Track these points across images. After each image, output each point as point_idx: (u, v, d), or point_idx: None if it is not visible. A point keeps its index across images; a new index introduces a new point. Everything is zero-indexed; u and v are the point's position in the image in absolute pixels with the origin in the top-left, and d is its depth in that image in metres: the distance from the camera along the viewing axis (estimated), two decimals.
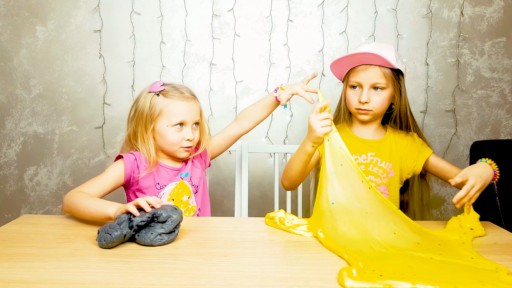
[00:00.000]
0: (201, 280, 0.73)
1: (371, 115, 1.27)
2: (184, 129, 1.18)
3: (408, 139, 1.32)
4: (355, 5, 1.81)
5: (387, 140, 1.32)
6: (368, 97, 1.23)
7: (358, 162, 1.28)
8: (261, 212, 1.90)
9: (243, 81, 1.86)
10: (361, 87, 1.24)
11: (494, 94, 1.85)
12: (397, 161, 1.30)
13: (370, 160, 1.28)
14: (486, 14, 1.81)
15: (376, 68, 1.23)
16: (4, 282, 0.70)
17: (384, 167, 1.29)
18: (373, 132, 1.32)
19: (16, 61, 1.84)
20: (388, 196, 1.29)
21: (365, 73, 1.23)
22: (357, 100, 1.25)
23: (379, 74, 1.23)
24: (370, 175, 1.28)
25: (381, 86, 1.24)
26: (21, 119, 1.87)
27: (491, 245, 0.93)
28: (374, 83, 1.23)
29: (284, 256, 0.86)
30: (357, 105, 1.26)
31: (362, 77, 1.24)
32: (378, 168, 1.28)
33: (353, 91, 1.27)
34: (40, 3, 1.81)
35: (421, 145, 1.32)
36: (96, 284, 0.70)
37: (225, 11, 1.82)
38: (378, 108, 1.26)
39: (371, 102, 1.24)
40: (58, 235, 0.94)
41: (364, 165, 1.28)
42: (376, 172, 1.28)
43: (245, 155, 1.50)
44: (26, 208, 1.92)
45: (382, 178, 1.28)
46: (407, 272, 0.75)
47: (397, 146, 1.31)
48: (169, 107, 1.16)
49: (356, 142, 1.30)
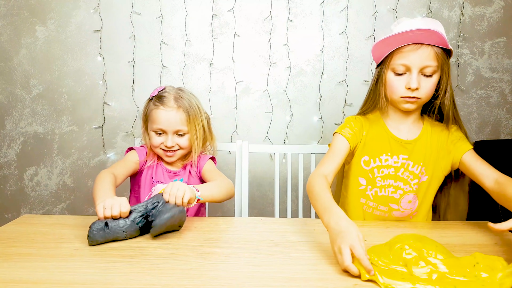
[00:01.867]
0: (201, 280, 0.73)
1: (418, 104, 1.11)
2: (164, 135, 1.24)
3: (446, 134, 1.16)
4: (355, 5, 1.81)
5: (423, 137, 1.15)
6: (418, 83, 1.05)
7: (388, 163, 1.15)
8: (261, 212, 1.90)
9: (243, 81, 1.86)
10: (409, 70, 1.06)
11: (494, 94, 1.85)
12: (431, 162, 1.15)
13: (402, 164, 1.15)
14: (486, 14, 1.81)
15: (429, 48, 1.04)
16: (4, 282, 0.70)
17: (416, 172, 1.15)
18: (409, 126, 1.16)
19: (16, 61, 1.84)
20: (417, 206, 1.17)
21: (416, 53, 1.04)
22: (403, 87, 1.07)
23: (432, 55, 1.05)
24: (399, 181, 1.15)
25: (432, 71, 1.06)
26: (21, 119, 1.87)
27: (491, 245, 0.93)
28: (425, 65, 1.05)
29: (284, 256, 0.86)
30: (405, 93, 1.07)
31: (413, 58, 1.05)
32: (408, 173, 1.15)
33: (397, 77, 1.08)
34: (40, 3, 1.81)
35: (459, 139, 1.14)
36: (96, 284, 0.70)
37: (225, 11, 1.82)
38: (428, 95, 1.09)
39: (421, 89, 1.06)
40: (58, 235, 0.94)
41: (394, 168, 1.15)
42: (406, 178, 1.15)
43: (246, 155, 1.50)
44: (26, 208, 1.92)
45: (412, 185, 1.15)
46: (407, 273, 0.75)
47: (432, 143, 1.15)
48: (151, 113, 1.24)
49: (390, 140, 1.16)
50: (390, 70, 1.09)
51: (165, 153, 1.26)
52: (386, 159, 1.15)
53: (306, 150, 1.51)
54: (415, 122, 1.17)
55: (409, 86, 1.06)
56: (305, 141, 1.88)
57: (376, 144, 1.16)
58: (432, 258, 0.76)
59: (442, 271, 0.74)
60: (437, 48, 1.05)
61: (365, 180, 1.18)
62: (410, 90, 1.07)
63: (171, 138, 1.23)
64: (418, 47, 1.04)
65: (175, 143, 1.24)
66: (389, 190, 1.16)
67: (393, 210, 1.17)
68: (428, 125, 1.17)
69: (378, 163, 1.16)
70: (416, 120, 1.17)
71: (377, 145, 1.16)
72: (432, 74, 1.07)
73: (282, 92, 1.85)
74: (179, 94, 1.25)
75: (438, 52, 1.05)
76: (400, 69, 1.07)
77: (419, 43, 1.04)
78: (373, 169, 1.16)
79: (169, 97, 1.24)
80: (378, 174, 1.16)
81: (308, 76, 1.85)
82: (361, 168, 1.18)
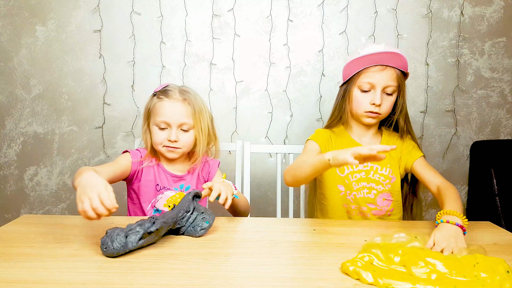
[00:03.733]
0: (201, 280, 0.73)
1: (379, 119, 1.24)
2: (168, 129, 1.20)
3: (401, 142, 1.29)
4: (355, 5, 1.81)
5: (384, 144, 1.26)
6: (381, 99, 1.18)
7: (359, 168, 1.25)
8: (261, 212, 1.90)
9: (243, 81, 1.86)
10: (373, 88, 1.19)
11: (494, 94, 1.85)
12: (395, 165, 1.27)
13: (371, 167, 1.25)
14: (486, 14, 1.81)
15: (392, 70, 1.18)
16: (4, 282, 0.70)
17: (386, 173, 1.26)
18: (370, 137, 1.29)
19: (16, 61, 1.84)
20: (392, 201, 1.26)
21: (381, 74, 1.18)
22: (368, 102, 1.20)
23: (394, 76, 1.19)
24: (372, 183, 1.25)
25: (392, 90, 1.20)
26: (21, 119, 1.87)
27: (491, 245, 0.93)
28: (388, 85, 1.18)
29: (284, 256, 0.86)
30: (368, 108, 1.20)
31: (378, 78, 1.18)
32: (379, 175, 1.25)
33: (363, 93, 1.21)
34: (40, 3, 1.81)
35: (412, 147, 1.27)
36: (96, 284, 0.70)
37: (225, 11, 1.82)
38: (386, 112, 1.22)
39: (382, 106, 1.20)
40: (58, 235, 0.94)
41: (364, 172, 1.25)
42: (378, 179, 1.25)
43: (247, 155, 1.50)
44: (26, 208, 1.92)
45: (385, 185, 1.25)
46: (406, 274, 0.75)
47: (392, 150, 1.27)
48: (155, 106, 1.21)
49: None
50: (357, 87, 1.22)
51: (167, 149, 1.21)
52: (357, 165, 1.23)
53: None
54: (374, 135, 1.30)
55: (373, 102, 1.19)
56: (305, 141, 1.87)
57: None
58: (431, 258, 0.77)
59: (442, 271, 0.74)
60: (398, 70, 1.19)
61: (343, 186, 1.27)
62: (374, 105, 1.19)
63: (175, 132, 1.19)
64: (383, 68, 1.18)
65: (179, 138, 1.19)
66: (364, 192, 1.26)
67: (372, 209, 1.26)
68: (386, 136, 1.31)
69: (350, 169, 1.25)
70: (375, 133, 1.30)
71: None
72: (392, 93, 1.21)
73: (282, 92, 1.85)
74: (184, 88, 1.24)
75: (399, 74, 1.20)
76: (366, 87, 1.20)
77: (385, 65, 1.18)
78: (347, 175, 1.26)
79: (174, 90, 1.22)
80: (353, 179, 1.26)
81: (308, 76, 1.85)
82: (337, 175, 1.27)
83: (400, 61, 1.19)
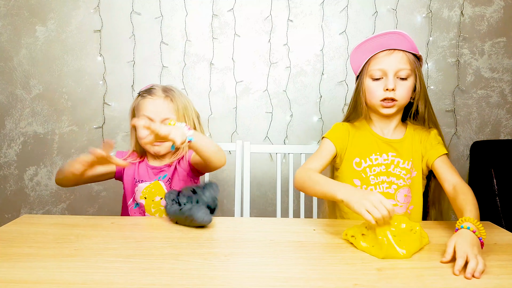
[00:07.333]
0: (201, 280, 0.73)
1: (397, 107, 1.17)
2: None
3: (427, 136, 1.22)
4: (355, 5, 1.81)
5: (408, 137, 1.22)
6: (394, 84, 1.13)
7: (379, 162, 1.21)
8: (261, 212, 1.91)
9: (243, 81, 1.86)
10: (385, 75, 1.15)
11: (494, 94, 1.85)
12: (418, 159, 1.21)
13: (391, 161, 1.20)
14: (486, 14, 1.81)
15: (401, 53, 1.14)
16: (4, 282, 0.70)
17: (408, 167, 1.20)
18: (393, 130, 1.23)
19: (16, 61, 1.84)
20: (412, 199, 1.21)
21: (389, 58, 1.14)
22: (381, 90, 1.15)
23: (404, 59, 1.14)
24: (392, 177, 1.20)
25: (406, 74, 1.14)
26: (21, 119, 1.87)
27: (491, 245, 0.93)
28: (399, 68, 1.14)
29: (284, 256, 0.86)
30: (382, 95, 1.15)
31: (387, 63, 1.14)
32: (400, 169, 1.20)
33: (375, 82, 1.16)
34: (40, 3, 1.81)
35: (438, 143, 1.20)
36: (96, 284, 0.70)
37: (225, 11, 1.82)
38: (404, 97, 1.16)
39: (397, 91, 1.14)
40: (58, 235, 0.94)
41: (384, 166, 1.20)
42: (398, 174, 1.20)
43: (247, 155, 1.50)
44: (26, 208, 1.92)
45: (406, 180, 1.20)
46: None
47: (417, 143, 1.22)
48: (139, 104, 1.25)
49: (377, 141, 1.22)
50: (368, 77, 1.18)
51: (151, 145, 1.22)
52: (376, 158, 1.21)
53: (308, 150, 1.51)
54: (398, 127, 1.24)
55: (386, 87, 1.14)
56: (305, 141, 1.88)
57: (364, 146, 1.23)
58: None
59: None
60: (408, 53, 1.15)
61: (359, 180, 1.22)
62: (388, 91, 1.14)
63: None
64: (391, 52, 1.15)
65: None
66: (383, 186, 1.21)
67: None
68: (411, 128, 1.25)
69: (369, 162, 1.21)
70: (399, 125, 1.25)
71: (365, 146, 1.23)
72: (407, 78, 1.15)
73: (282, 92, 1.85)
74: (167, 87, 1.28)
75: (410, 57, 1.15)
76: (377, 74, 1.16)
77: (392, 49, 1.15)
78: (365, 168, 1.22)
79: (157, 88, 1.26)
80: (370, 173, 1.21)
81: (308, 76, 1.85)
82: (353, 170, 1.23)
83: (407, 42, 1.14)
